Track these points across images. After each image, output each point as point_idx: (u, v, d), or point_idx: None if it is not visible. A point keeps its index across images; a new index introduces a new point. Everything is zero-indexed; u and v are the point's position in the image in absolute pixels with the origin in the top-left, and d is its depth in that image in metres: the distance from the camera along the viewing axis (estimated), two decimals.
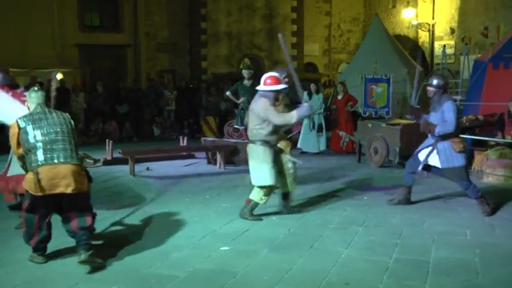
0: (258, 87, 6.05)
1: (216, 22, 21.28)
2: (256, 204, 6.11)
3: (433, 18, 20.46)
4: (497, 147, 8.71)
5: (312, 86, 12.10)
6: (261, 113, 5.89)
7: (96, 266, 4.46)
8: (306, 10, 23.27)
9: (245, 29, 21.58)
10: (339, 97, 12.05)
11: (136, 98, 16.16)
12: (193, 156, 10.99)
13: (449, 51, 17.65)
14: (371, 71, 13.43)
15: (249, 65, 19.75)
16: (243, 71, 11.14)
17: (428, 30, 20.71)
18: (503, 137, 9.25)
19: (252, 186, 6.16)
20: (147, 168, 9.72)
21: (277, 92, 6.02)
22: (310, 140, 11.84)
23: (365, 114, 13.06)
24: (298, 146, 12.08)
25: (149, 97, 16.35)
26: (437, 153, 6.29)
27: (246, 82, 10.97)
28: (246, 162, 9.62)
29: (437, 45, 19.85)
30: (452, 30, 19.62)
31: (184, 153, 10.95)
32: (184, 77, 20.04)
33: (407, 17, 21.50)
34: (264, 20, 21.82)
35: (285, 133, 8.64)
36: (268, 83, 5.99)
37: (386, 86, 12.86)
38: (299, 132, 12.87)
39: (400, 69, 14.52)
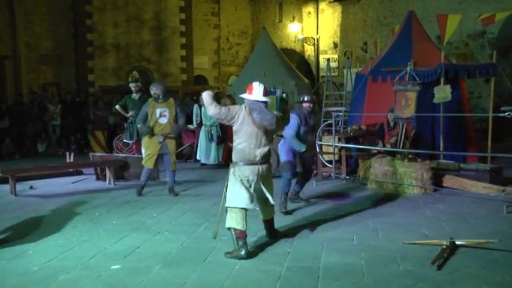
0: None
1: (102, 34, 20.72)
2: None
3: (317, 33, 21.39)
4: (378, 156, 9.22)
5: None
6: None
7: None
8: (195, 23, 23.35)
9: (133, 41, 21.21)
10: None
11: (18, 113, 15.25)
12: (81, 173, 10.58)
13: (333, 64, 18.49)
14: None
15: (137, 78, 19.43)
16: (130, 84, 10.99)
17: (314, 44, 21.60)
18: (384, 146, 9.82)
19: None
20: (31, 187, 9.19)
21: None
22: (210, 152, 11.86)
23: None
24: (197, 157, 12.06)
25: (32, 111, 15.51)
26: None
27: (134, 95, 10.80)
28: (137, 177, 9.54)
29: (322, 58, 20.75)
30: (335, 45, 20.64)
31: (72, 170, 10.52)
32: (70, 90, 19.25)
33: (293, 31, 22.28)
34: (153, 32, 21.60)
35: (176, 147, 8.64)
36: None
37: (274, 98, 13.18)
38: (191, 145, 12.85)
39: (288, 82, 14.95)
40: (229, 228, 5.25)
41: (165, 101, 8.45)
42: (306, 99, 7.37)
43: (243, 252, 5.07)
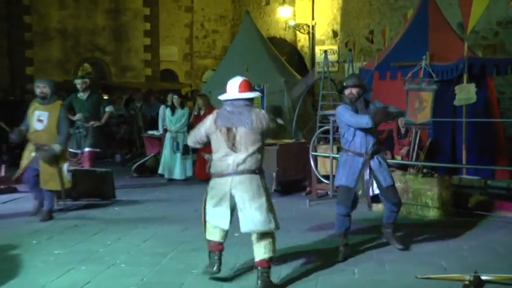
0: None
1: (44, 16, 20.65)
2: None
3: (313, 19, 21.51)
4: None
5: (175, 99, 12.17)
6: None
7: None
8: (162, 5, 23.40)
9: (84, 26, 21.21)
10: (201, 113, 12.16)
11: None
12: (15, 190, 10.51)
13: (332, 57, 18.62)
14: None
15: (87, 72, 19.39)
16: (76, 80, 10.97)
17: (308, 33, 21.72)
18: (393, 157, 9.88)
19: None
20: None
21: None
22: (174, 165, 11.85)
23: None
24: (160, 171, 12.05)
25: None
26: (375, 172, 6.56)
27: (81, 95, 10.76)
28: (88, 195, 9.48)
29: (319, 50, 20.86)
30: (335, 34, 20.77)
31: (3, 187, 10.43)
32: (3, 86, 19.12)
33: (283, 16, 22.38)
34: (109, 16, 21.61)
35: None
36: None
37: (260, 98, 13.23)
38: (156, 156, 12.83)
39: (276, 79, 14.98)
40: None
41: (51, 102, 8.30)
42: (347, 83, 6.60)
43: (215, 268, 5.36)
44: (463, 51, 9.99)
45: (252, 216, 5.25)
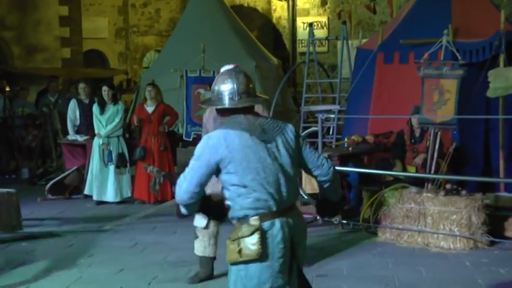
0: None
1: None
2: None
3: None
4: (395, 185, 9.31)
5: (106, 91, 12.09)
6: None
7: None
8: None
9: None
10: (149, 109, 12.05)
11: None
12: None
13: (319, 33, 18.69)
14: (196, 64, 13.72)
15: None
16: None
17: (287, 0, 21.81)
18: (404, 169, 9.92)
19: None
20: None
21: None
22: (106, 182, 11.74)
23: (189, 138, 13.27)
24: (86, 191, 11.93)
25: None
26: None
27: None
28: None
29: (302, 23, 20.92)
30: (324, 1, 20.88)
31: None
32: None
33: None
34: None
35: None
36: None
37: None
38: (78, 170, 12.70)
39: (245, 62, 14.92)
40: None
41: None
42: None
43: None
44: (499, 23, 10.06)
45: None
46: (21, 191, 10.51)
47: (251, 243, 4.18)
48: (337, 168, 7.03)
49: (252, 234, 4.19)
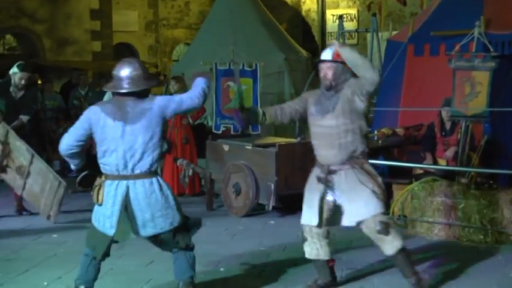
0: None
1: None
2: None
3: None
4: (426, 178, 9.26)
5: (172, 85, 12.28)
6: None
7: None
8: None
9: None
10: None
11: None
12: None
13: (349, 25, 18.61)
14: (226, 57, 13.70)
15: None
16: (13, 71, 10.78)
17: None
18: (435, 162, 9.87)
19: None
20: None
21: None
22: None
23: (218, 130, 13.26)
24: None
25: None
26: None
27: (15, 90, 10.70)
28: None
29: (331, 15, 20.85)
30: None
31: None
32: None
33: None
34: None
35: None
36: None
37: (251, 82, 13.16)
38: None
39: (274, 55, 14.93)
40: None
41: None
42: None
43: None
44: None
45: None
46: None
47: (96, 192, 6.05)
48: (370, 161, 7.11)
49: (99, 186, 6.04)
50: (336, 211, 6.57)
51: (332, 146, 6.45)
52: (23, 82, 10.59)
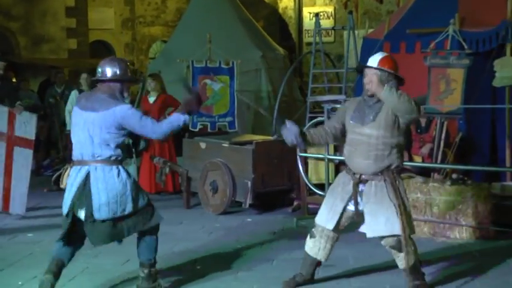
0: None
1: None
2: None
3: None
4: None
5: (84, 79, 12.20)
6: None
7: None
8: None
9: None
10: (150, 99, 12.09)
11: None
12: None
13: (325, 23, 18.64)
14: (203, 55, 13.69)
15: None
16: None
17: None
18: (411, 159, 9.90)
19: None
20: None
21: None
22: None
23: (194, 128, 13.25)
24: None
25: None
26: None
27: None
28: None
29: (308, 13, 20.85)
30: None
31: None
32: None
33: None
34: None
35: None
36: None
37: (228, 79, 13.16)
38: None
39: (251, 53, 14.91)
40: None
41: None
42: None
43: None
44: (506, 12, 10.03)
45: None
46: None
47: (62, 176, 6.79)
48: (341, 158, 7.14)
49: (64, 170, 6.74)
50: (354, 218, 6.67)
51: (367, 156, 6.41)
52: (1, 72, 10.59)
